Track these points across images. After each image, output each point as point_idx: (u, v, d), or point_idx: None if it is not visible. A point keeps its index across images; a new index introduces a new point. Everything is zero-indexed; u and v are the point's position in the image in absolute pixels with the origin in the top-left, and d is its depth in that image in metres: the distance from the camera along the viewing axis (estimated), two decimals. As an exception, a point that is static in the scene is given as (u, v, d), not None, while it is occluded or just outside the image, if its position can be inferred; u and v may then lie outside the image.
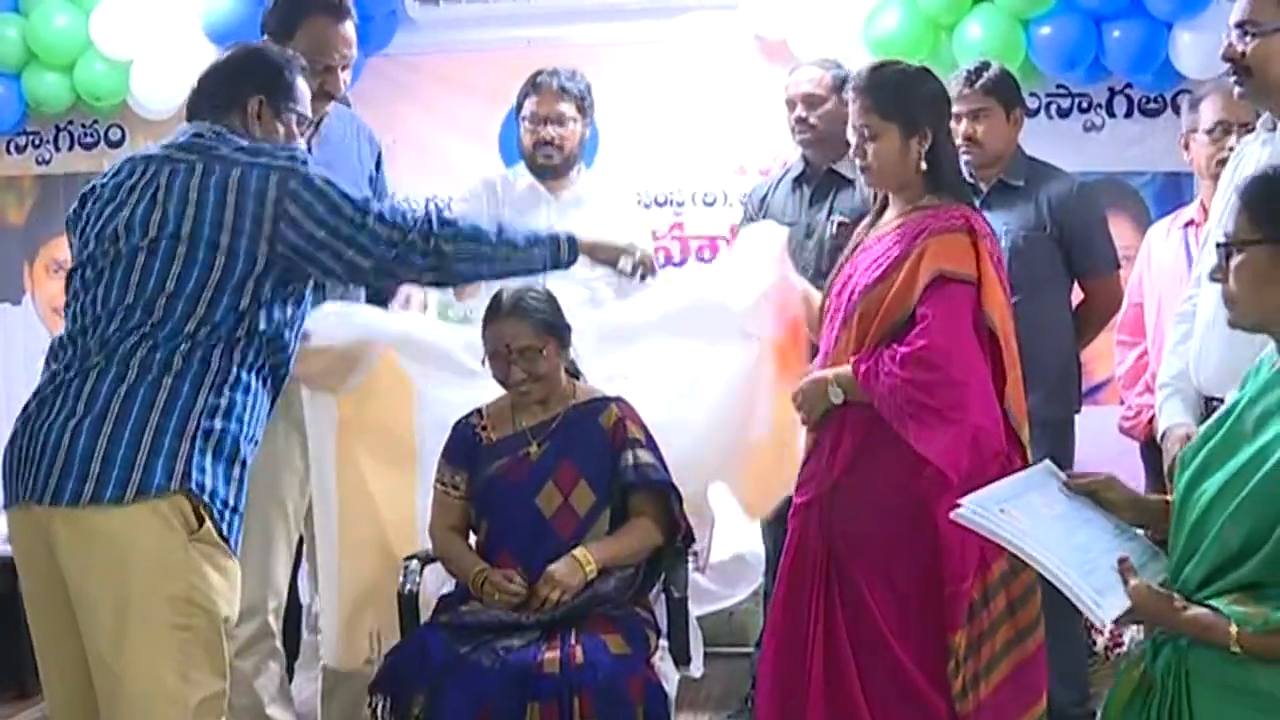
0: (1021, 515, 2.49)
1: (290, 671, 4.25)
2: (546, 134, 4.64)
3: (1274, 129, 3.31)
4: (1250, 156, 3.36)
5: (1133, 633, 4.86)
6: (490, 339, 3.68)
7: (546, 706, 3.26)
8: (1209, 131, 4.31)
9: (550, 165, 4.68)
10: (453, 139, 5.85)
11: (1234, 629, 2.24)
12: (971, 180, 4.49)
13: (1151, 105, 5.43)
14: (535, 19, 5.71)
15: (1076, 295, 4.56)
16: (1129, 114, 5.47)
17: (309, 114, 3.30)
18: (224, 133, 3.13)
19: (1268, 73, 3.17)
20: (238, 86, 3.21)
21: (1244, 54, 3.19)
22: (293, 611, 4.17)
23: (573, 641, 3.38)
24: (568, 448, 3.66)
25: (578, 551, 3.55)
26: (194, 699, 2.95)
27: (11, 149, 6.27)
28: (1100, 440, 4.56)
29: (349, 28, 3.84)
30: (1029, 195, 4.41)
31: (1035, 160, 4.53)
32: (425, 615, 3.69)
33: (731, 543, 4.27)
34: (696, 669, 3.69)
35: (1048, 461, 2.77)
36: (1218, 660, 2.29)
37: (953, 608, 3.27)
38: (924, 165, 3.43)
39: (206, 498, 2.94)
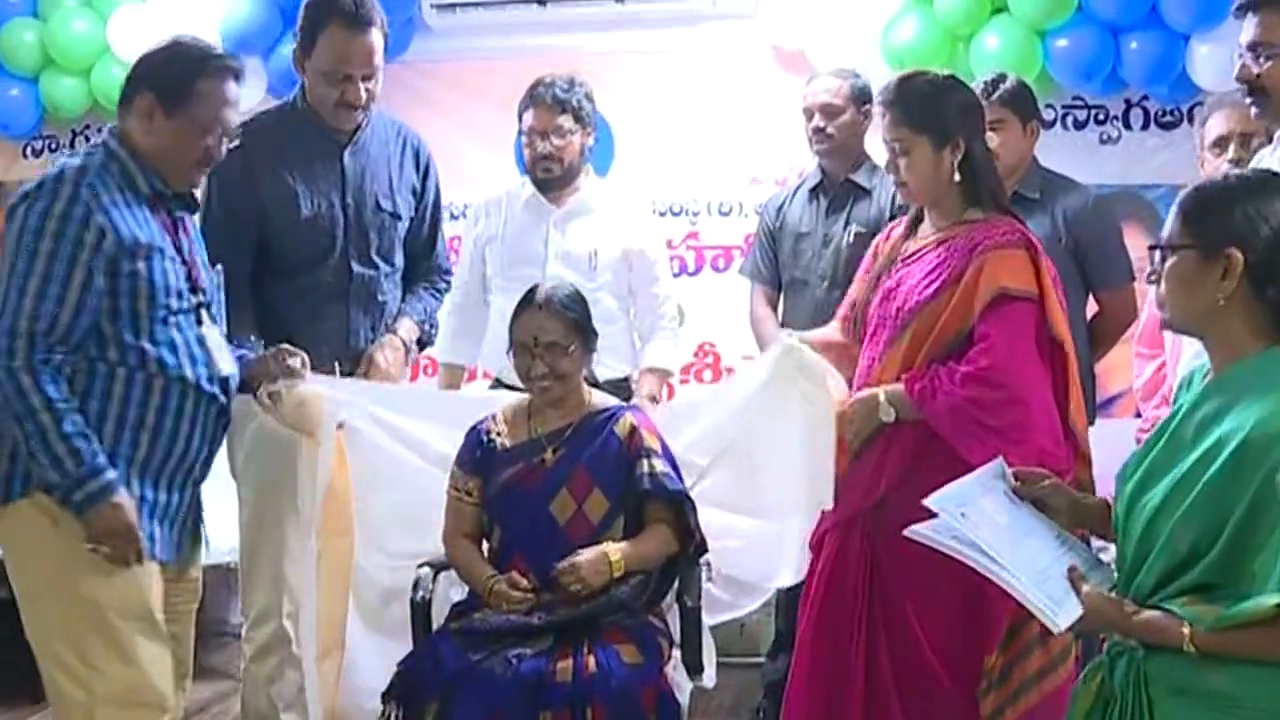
0: (975, 525, 2.53)
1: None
2: (544, 148, 4.62)
3: None
4: (1267, 166, 3.35)
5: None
6: (518, 330, 3.70)
7: (559, 715, 3.26)
8: (1214, 146, 4.33)
9: (551, 178, 4.67)
10: (468, 146, 5.85)
11: (1187, 629, 2.27)
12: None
13: (1168, 118, 5.43)
14: (552, 27, 5.74)
15: (1091, 307, 4.56)
16: (1145, 126, 5.47)
17: (222, 121, 3.22)
18: (101, 142, 3.22)
19: None
20: (136, 82, 3.23)
21: (1259, 75, 3.19)
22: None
23: (585, 650, 3.37)
24: (582, 455, 3.66)
25: (609, 547, 3.56)
26: (100, 687, 3.11)
27: (28, 153, 6.31)
28: (1115, 452, 4.48)
29: (373, 37, 3.82)
30: (1044, 207, 4.41)
31: (1050, 172, 4.54)
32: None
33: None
34: (709, 679, 3.69)
35: (1000, 459, 2.77)
36: (1175, 665, 2.32)
37: (992, 627, 3.25)
38: (957, 176, 3.39)
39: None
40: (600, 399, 3.81)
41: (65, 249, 3.03)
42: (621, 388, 4.44)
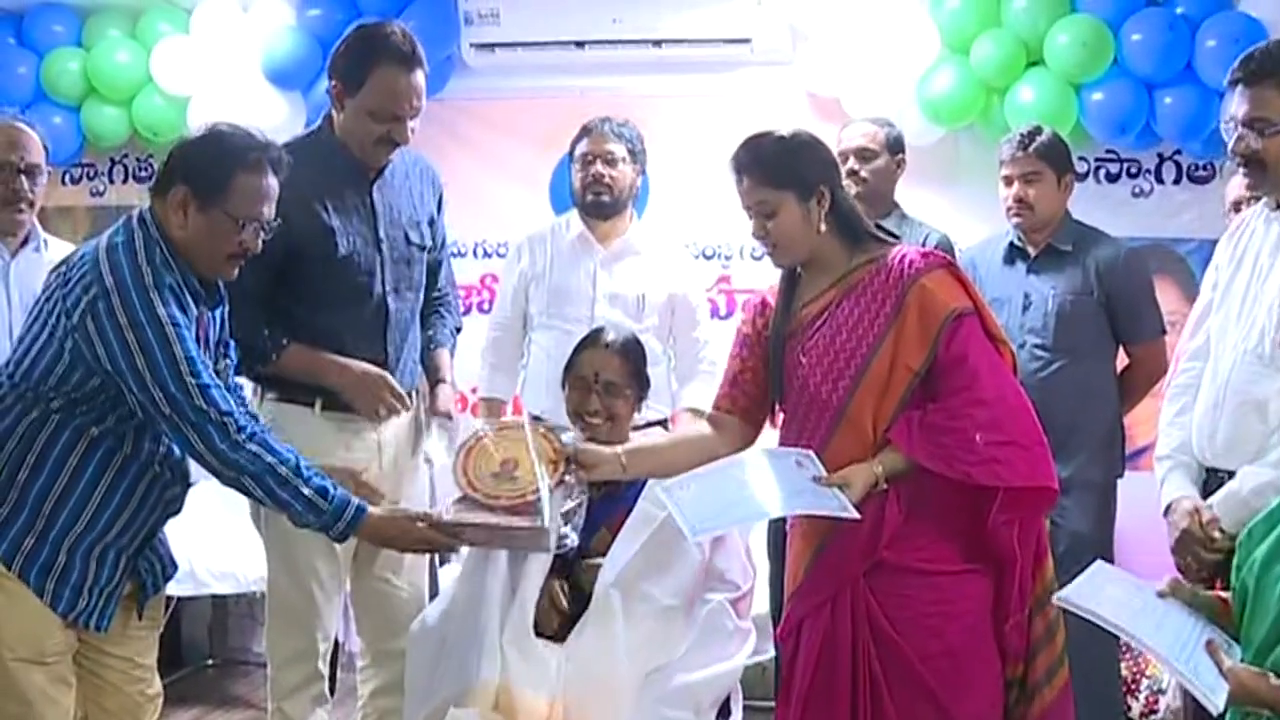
0: (1113, 612, 2.54)
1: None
2: (597, 170, 4.66)
3: (1277, 209, 3.35)
4: (1249, 229, 3.43)
5: (1167, 699, 4.84)
6: (580, 364, 3.76)
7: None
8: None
9: (600, 204, 4.70)
10: (504, 184, 5.92)
11: None
12: (1020, 244, 4.54)
13: (1200, 172, 5.45)
14: (590, 69, 5.78)
15: (1121, 360, 4.57)
16: (1177, 180, 5.49)
17: (260, 216, 3.15)
18: (138, 221, 3.13)
19: None
20: (171, 171, 3.14)
21: (1257, 151, 3.22)
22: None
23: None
24: (626, 495, 3.65)
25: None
26: None
27: (67, 180, 6.37)
28: (1141, 505, 4.51)
29: (419, 77, 3.75)
30: (1077, 260, 4.44)
31: (1083, 225, 4.56)
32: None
33: (769, 597, 4.28)
34: (735, 721, 3.69)
35: (1100, 562, 2.81)
36: None
37: (1014, 639, 3.18)
38: (823, 226, 3.23)
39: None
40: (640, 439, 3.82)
41: (176, 330, 3.03)
42: (662, 428, 4.45)
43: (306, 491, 3.15)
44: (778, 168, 3.24)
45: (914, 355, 3.16)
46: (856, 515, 3.02)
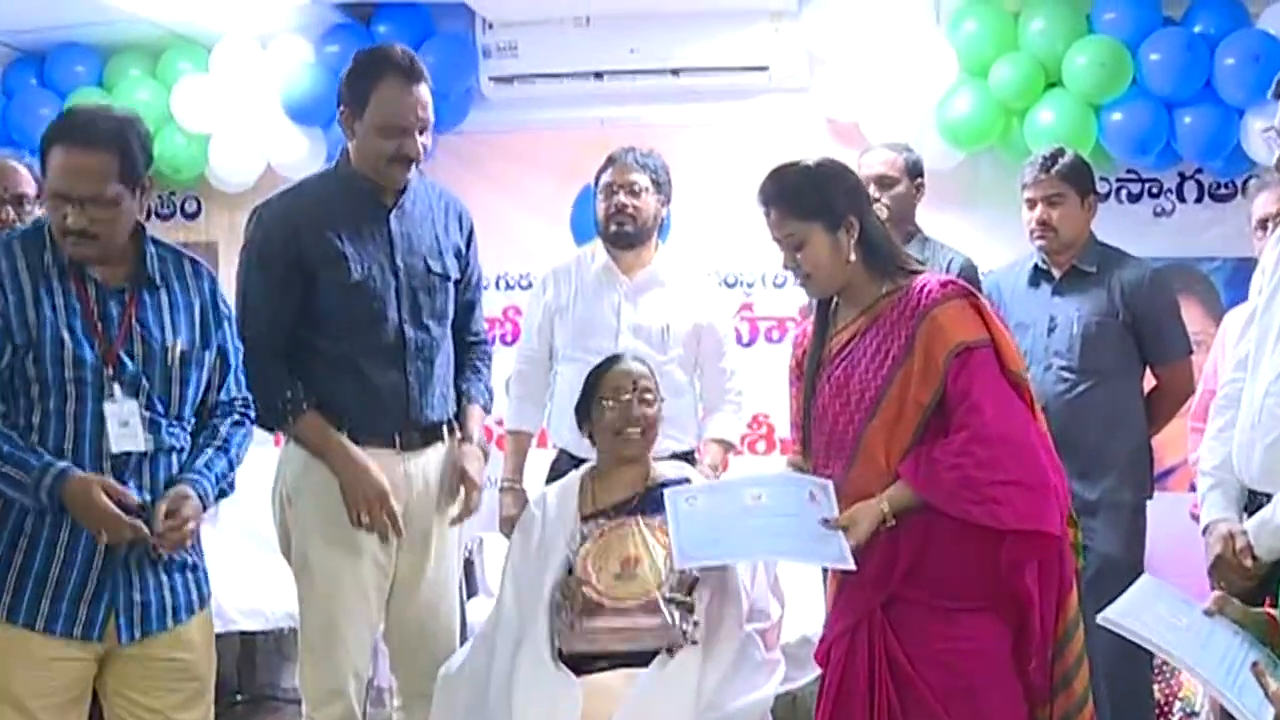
0: (1157, 633, 2.49)
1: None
2: (620, 201, 4.61)
3: None
4: None
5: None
6: (610, 380, 3.85)
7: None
8: (1257, 228, 4.36)
9: (623, 234, 4.65)
10: (524, 216, 5.93)
11: None
12: (1044, 266, 4.53)
13: (1222, 191, 5.45)
14: (609, 99, 5.80)
15: (1148, 381, 4.55)
16: (1199, 199, 5.49)
17: (68, 193, 3.11)
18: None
19: None
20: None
21: None
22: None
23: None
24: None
25: None
26: None
27: (90, 219, 6.36)
28: (1170, 526, 4.52)
29: (423, 90, 3.77)
30: (1101, 281, 4.43)
31: (1107, 246, 4.55)
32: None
33: (799, 625, 4.26)
34: (764, 750, 3.68)
35: (1147, 576, 2.76)
36: None
37: (1039, 680, 3.13)
38: (853, 256, 3.21)
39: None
40: (663, 469, 3.85)
41: None
42: (687, 460, 4.43)
43: (6, 469, 3.05)
44: (804, 199, 3.22)
45: (923, 389, 3.12)
46: (852, 566, 3.00)
